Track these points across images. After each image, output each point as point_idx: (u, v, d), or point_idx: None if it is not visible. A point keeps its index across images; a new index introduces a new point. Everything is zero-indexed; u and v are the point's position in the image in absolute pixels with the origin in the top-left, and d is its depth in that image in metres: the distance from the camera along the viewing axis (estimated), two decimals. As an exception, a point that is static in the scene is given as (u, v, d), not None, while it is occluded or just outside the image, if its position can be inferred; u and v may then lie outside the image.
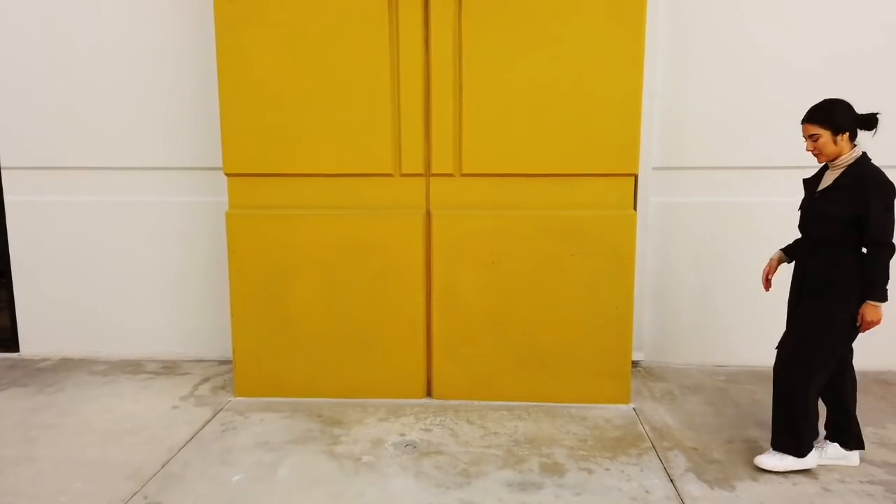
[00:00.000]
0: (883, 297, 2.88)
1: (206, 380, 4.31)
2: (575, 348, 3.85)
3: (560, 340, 3.84)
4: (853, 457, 3.18)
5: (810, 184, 3.13)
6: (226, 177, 3.89)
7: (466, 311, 3.86)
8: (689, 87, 4.33)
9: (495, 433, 3.51)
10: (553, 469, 3.14)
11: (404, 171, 3.79)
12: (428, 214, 3.84)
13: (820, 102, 2.96)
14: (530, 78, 3.68)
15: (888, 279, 2.89)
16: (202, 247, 4.58)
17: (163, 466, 3.16)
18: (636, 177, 3.85)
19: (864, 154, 2.97)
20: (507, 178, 3.76)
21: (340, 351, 3.94)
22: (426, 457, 3.26)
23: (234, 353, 3.98)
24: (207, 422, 3.67)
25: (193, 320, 4.69)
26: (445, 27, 3.67)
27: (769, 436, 3.45)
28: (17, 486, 2.99)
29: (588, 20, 3.62)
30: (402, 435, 3.49)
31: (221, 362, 4.58)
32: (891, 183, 2.87)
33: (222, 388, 4.16)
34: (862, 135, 2.97)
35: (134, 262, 4.66)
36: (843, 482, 3.01)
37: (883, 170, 2.91)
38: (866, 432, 3.50)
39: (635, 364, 4.50)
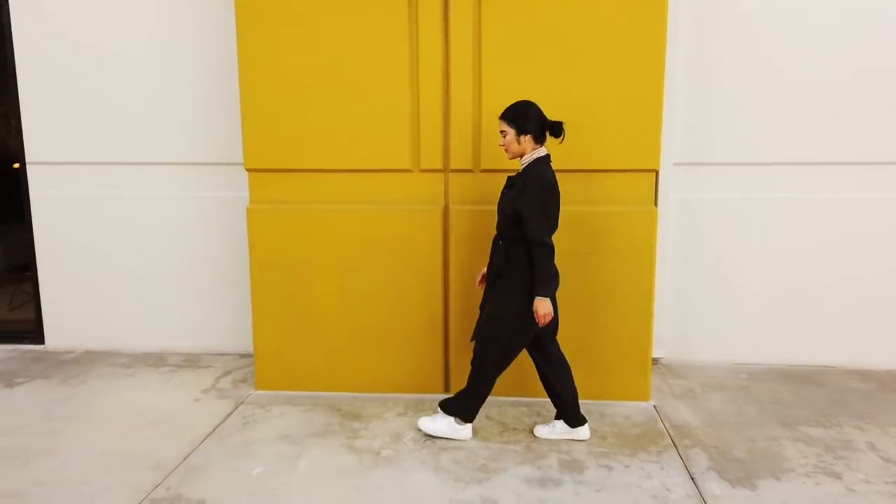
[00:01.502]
0: (546, 293, 3.05)
1: (228, 373, 4.35)
2: (595, 345, 3.83)
3: (580, 337, 3.82)
4: (581, 432, 3.38)
5: (508, 180, 3.25)
6: (247, 172, 3.91)
7: (485, 307, 3.85)
8: (712, 83, 4.28)
9: (514, 429, 3.51)
10: (572, 466, 3.12)
11: (423, 167, 3.79)
12: (446, 210, 3.84)
13: (513, 103, 3.13)
14: (550, 73, 3.66)
15: (550, 276, 3.07)
16: (224, 241, 4.61)
17: (185, 458, 3.19)
18: (657, 173, 3.81)
19: (544, 157, 3.12)
20: (526, 173, 3.74)
21: (360, 345, 3.95)
22: (445, 452, 3.26)
23: (254, 346, 4.01)
24: (229, 415, 3.70)
25: (215, 314, 4.73)
26: (465, 23, 3.66)
27: (792, 434, 3.44)
28: (41, 477, 3.04)
29: (609, 16, 3.59)
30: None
31: (242, 356, 4.62)
32: (551, 188, 3.08)
33: (243, 381, 4.20)
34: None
35: (157, 256, 4.72)
36: (867, 482, 2.97)
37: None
38: (890, 432, 3.46)
39: (656, 361, 4.47)
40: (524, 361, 3.84)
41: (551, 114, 3.68)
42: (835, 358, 4.43)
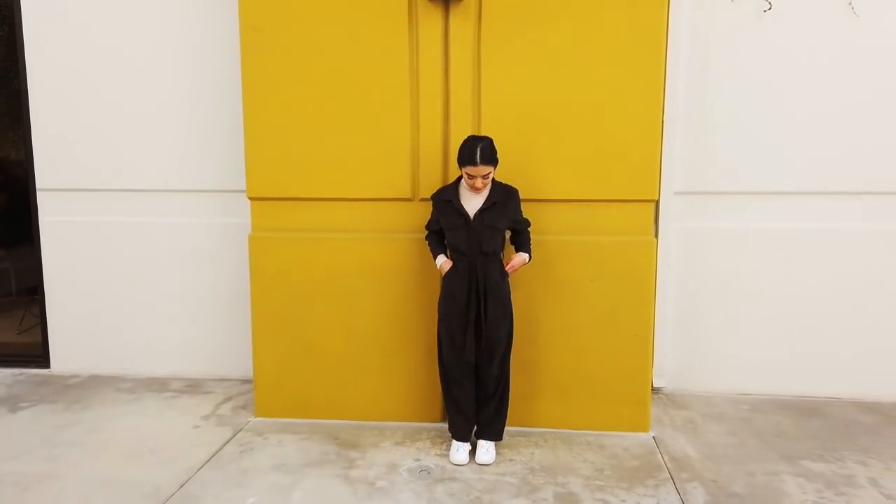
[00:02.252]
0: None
1: (228, 399, 4.37)
2: (593, 375, 3.81)
3: (578, 366, 3.81)
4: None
5: (452, 206, 3.42)
6: (249, 200, 3.96)
7: (484, 336, 3.85)
8: (712, 112, 4.28)
9: (511, 460, 3.49)
10: (567, 499, 3.10)
11: (423, 196, 3.82)
12: (446, 239, 3.86)
13: (485, 145, 3.27)
14: (549, 104, 3.69)
15: None
16: (227, 267, 4.65)
17: (181, 487, 3.21)
18: (656, 203, 3.81)
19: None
20: (525, 203, 3.75)
21: (358, 373, 3.96)
22: (440, 483, 3.25)
23: (254, 373, 4.03)
24: (227, 442, 3.71)
25: (217, 339, 4.76)
26: (464, 54, 3.71)
27: (793, 468, 3.40)
28: (39, 504, 3.07)
29: (606, 45, 3.62)
30: (418, 460, 3.49)
31: (243, 381, 4.64)
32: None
33: (243, 407, 4.22)
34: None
35: (161, 282, 4.77)
36: (867, 520, 2.92)
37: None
38: (893, 467, 3.40)
39: (657, 391, 4.43)
40: (515, 389, 3.84)
41: (549, 144, 3.72)
42: (840, 389, 4.37)
